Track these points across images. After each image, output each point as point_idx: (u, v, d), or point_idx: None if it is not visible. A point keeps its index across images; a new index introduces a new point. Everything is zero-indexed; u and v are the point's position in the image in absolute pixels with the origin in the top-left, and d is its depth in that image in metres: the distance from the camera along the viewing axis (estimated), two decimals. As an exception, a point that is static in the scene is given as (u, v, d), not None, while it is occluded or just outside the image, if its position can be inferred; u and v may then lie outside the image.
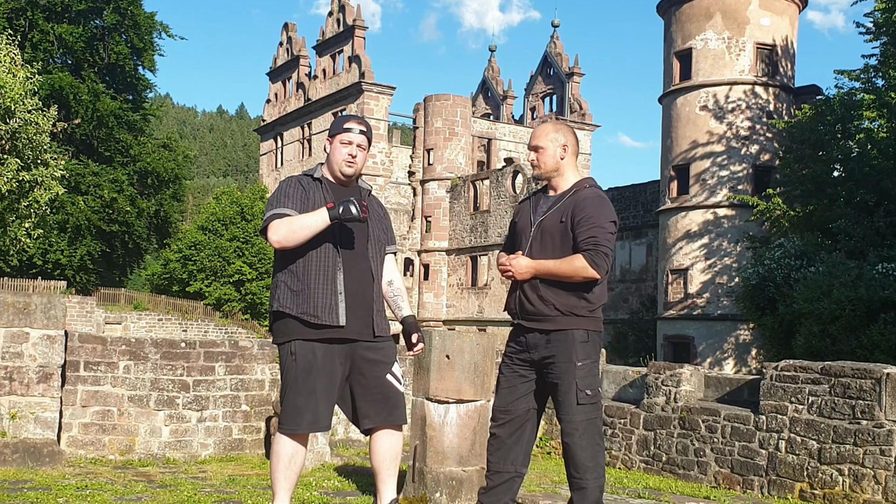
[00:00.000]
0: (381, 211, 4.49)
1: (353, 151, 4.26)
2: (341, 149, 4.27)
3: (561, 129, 4.55)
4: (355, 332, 4.20)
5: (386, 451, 4.30)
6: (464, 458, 7.55)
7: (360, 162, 4.31)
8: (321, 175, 4.35)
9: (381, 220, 4.44)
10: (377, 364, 4.25)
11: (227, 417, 12.21)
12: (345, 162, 4.27)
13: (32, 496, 8.14)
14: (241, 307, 46.34)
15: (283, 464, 4.21)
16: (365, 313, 4.24)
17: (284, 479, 4.21)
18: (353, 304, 4.19)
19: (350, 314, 4.17)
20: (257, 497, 8.57)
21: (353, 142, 4.26)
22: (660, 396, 11.91)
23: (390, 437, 4.30)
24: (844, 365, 9.55)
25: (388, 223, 4.53)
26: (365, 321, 4.24)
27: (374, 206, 4.46)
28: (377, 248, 4.35)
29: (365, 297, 4.25)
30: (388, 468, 4.32)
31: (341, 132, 4.27)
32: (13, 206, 19.59)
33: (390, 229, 4.54)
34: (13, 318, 10.16)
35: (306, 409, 4.13)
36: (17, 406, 10.16)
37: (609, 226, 4.32)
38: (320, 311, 4.13)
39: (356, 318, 4.20)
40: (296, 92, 54.84)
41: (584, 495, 4.34)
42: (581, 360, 4.30)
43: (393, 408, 4.27)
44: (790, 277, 21.81)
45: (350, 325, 4.17)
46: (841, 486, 9.26)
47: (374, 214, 4.39)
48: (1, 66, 17.68)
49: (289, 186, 4.28)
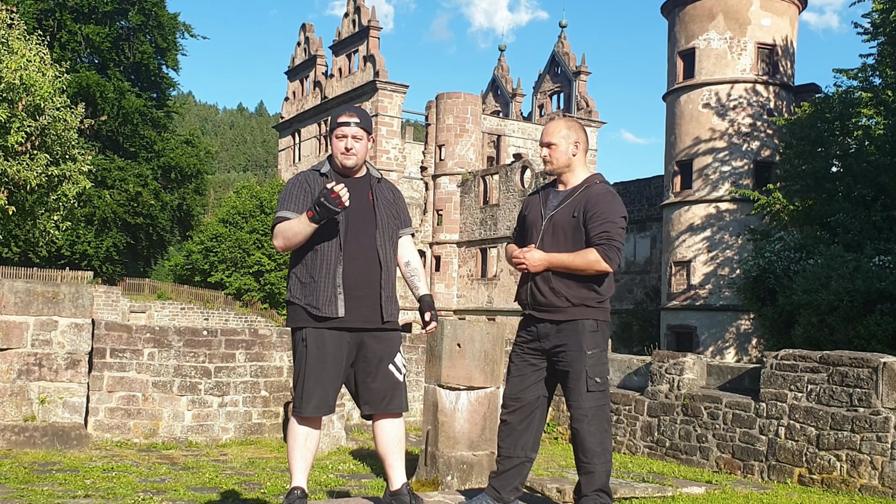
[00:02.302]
0: (392, 196, 4.46)
1: (349, 144, 4.28)
2: (337, 143, 4.31)
3: (573, 126, 4.53)
4: (362, 320, 4.21)
5: (389, 437, 4.30)
6: (474, 443, 7.54)
7: (359, 151, 4.32)
8: (328, 169, 4.38)
9: (392, 206, 4.42)
10: (380, 353, 4.25)
11: (247, 403, 12.24)
12: (342, 155, 4.30)
13: (61, 477, 8.17)
14: (260, 297, 46.44)
15: (297, 445, 4.23)
16: (372, 301, 4.23)
17: (300, 460, 4.23)
18: (357, 294, 4.20)
19: (353, 304, 4.18)
20: (276, 479, 8.58)
21: (348, 134, 4.29)
22: (663, 384, 11.88)
23: (391, 424, 4.30)
24: (842, 354, 9.50)
25: (401, 207, 4.49)
26: (372, 308, 4.24)
27: (385, 192, 4.43)
28: (386, 234, 4.33)
29: (371, 286, 4.24)
30: (393, 452, 4.31)
31: (336, 127, 4.31)
32: (43, 200, 19.65)
33: (404, 212, 4.50)
34: (43, 306, 10.20)
35: (313, 394, 4.16)
36: (47, 391, 10.20)
37: (620, 221, 4.32)
38: (321, 304, 4.17)
39: (362, 306, 4.20)
40: (313, 90, 54.85)
41: (592, 479, 4.32)
42: (591, 349, 4.29)
43: (392, 396, 4.26)
44: (790, 269, 21.72)
45: (353, 314, 4.18)
46: (839, 471, 9.21)
47: (383, 201, 4.38)
48: (31, 65, 17.70)
49: (293, 187, 4.34)
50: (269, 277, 45.73)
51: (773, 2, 31.54)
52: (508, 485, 4.48)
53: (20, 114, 17.56)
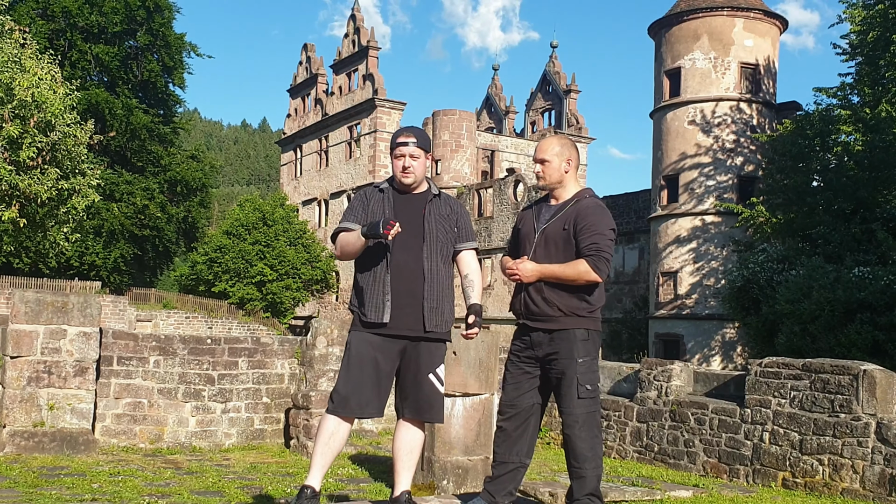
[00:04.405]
0: (448, 210, 4.46)
1: (406, 163, 4.35)
2: (396, 162, 4.39)
3: (565, 144, 4.57)
4: (406, 327, 4.26)
5: (405, 444, 4.31)
6: (469, 448, 7.51)
7: (417, 169, 4.38)
8: (386, 187, 4.46)
9: (446, 220, 4.42)
10: (423, 363, 4.28)
11: (250, 409, 12.18)
12: (401, 173, 4.37)
13: (69, 481, 8.11)
14: (262, 306, 46.31)
15: (321, 441, 4.23)
16: (414, 310, 4.27)
17: (320, 456, 4.23)
18: (401, 303, 4.25)
19: (397, 312, 4.24)
20: (277, 483, 8.53)
21: (406, 153, 4.35)
22: (652, 391, 11.85)
23: (412, 431, 4.32)
24: (824, 362, 9.49)
25: (459, 221, 4.48)
26: (415, 317, 4.27)
27: (441, 207, 4.45)
28: (434, 247, 4.34)
29: (414, 295, 4.27)
30: (403, 459, 4.31)
31: (395, 147, 4.39)
32: (53, 212, 19.60)
33: (463, 227, 4.49)
34: (52, 316, 10.15)
35: (352, 396, 4.20)
36: (55, 398, 10.15)
37: (609, 233, 4.35)
38: (368, 310, 4.26)
39: (405, 315, 4.25)
40: (314, 107, 54.90)
41: (584, 483, 4.30)
42: (582, 357, 4.29)
43: (429, 406, 4.29)
44: (773, 280, 21.73)
45: (396, 321, 4.23)
46: (821, 475, 9.18)
47: (437, 216, 4.39)
48: (43, 83, 17.68)
49: (356, 200, 4.50)
50: (271, 287, 45.62)
51: (756, 23, 31.67)
52: (503, 489, 4.46)
53: (32, 130, 17.54)
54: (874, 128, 22.19)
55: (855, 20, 24.29)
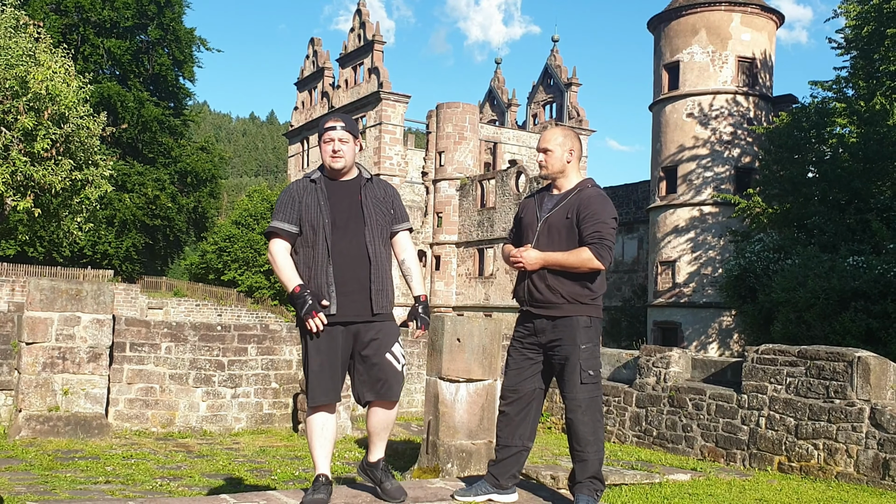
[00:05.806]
0: (383, 193, 4.37)
1: (336, 147, 4.24)
2: (325, 147, 4.28)
3: (568, 134, 4.53)
4: (354, 313, 4.16)
5: (378, 422, 4.29)
6: (473, 432, 7.51)
7: (346, 154, 4.26)
8: (318, 175, 4.33)
9: (382, 203, 4.33)
10: (376, 344, 4.20)
11: (259, 394, 12.20)
12: (331, 158, 4.26)
13: (83, 464, 8.13)
14: (270, 294, 46.39)
15: (315, 435, 4.22)
16: (362, 296, 4.18)
17: (320, 448, 4.20)
18: (348, 290, 4.16)
19: (344, 299, 4.15)
20: (285, 466, 8.54)
21: (334, 138, 4.25)
22: (651, 377, 11.84)
23: (383, 412, 4.28)
24: (819, 349, 9.46)
25: (393, 202, 4.39)
26: (362, 303, 4.18)
27: (376, 190, 4.36)
28: (376, 231, 4.25)
29: (360, 281, 4.18)
30: (378, 434, 4.33)
31: (323, 132, 4.28)
32: (67, 203, 19.59)
33: (399, 208, 4.41)
34: (66, 303, 10.16)
35: (319, 382, 4.15)
36: (70, 383, 10.17)
37: (611, 221, 4.32)
38: None
39: (352, 301, 4.16)
40: (321, 100, 54.80)
41: (586, 467, 4.29)
42: (584, 344, 4.26)
43: (389, 386, 4.20)
44: (769, 269, 21.69)
45: (345, 309, 4.15)
46: (816, 459, 9.17)
47: (373, 199, 4.30)
48: (56, 76, 17.63)
49: (286, 196, 4.30)
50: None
51: (753, 18, 31.51)
52: (506, 472, 4.45)
53: (46, 122, 17.52)
54: (868, 120, 22.11)
55: (850, 15, 24.19)
